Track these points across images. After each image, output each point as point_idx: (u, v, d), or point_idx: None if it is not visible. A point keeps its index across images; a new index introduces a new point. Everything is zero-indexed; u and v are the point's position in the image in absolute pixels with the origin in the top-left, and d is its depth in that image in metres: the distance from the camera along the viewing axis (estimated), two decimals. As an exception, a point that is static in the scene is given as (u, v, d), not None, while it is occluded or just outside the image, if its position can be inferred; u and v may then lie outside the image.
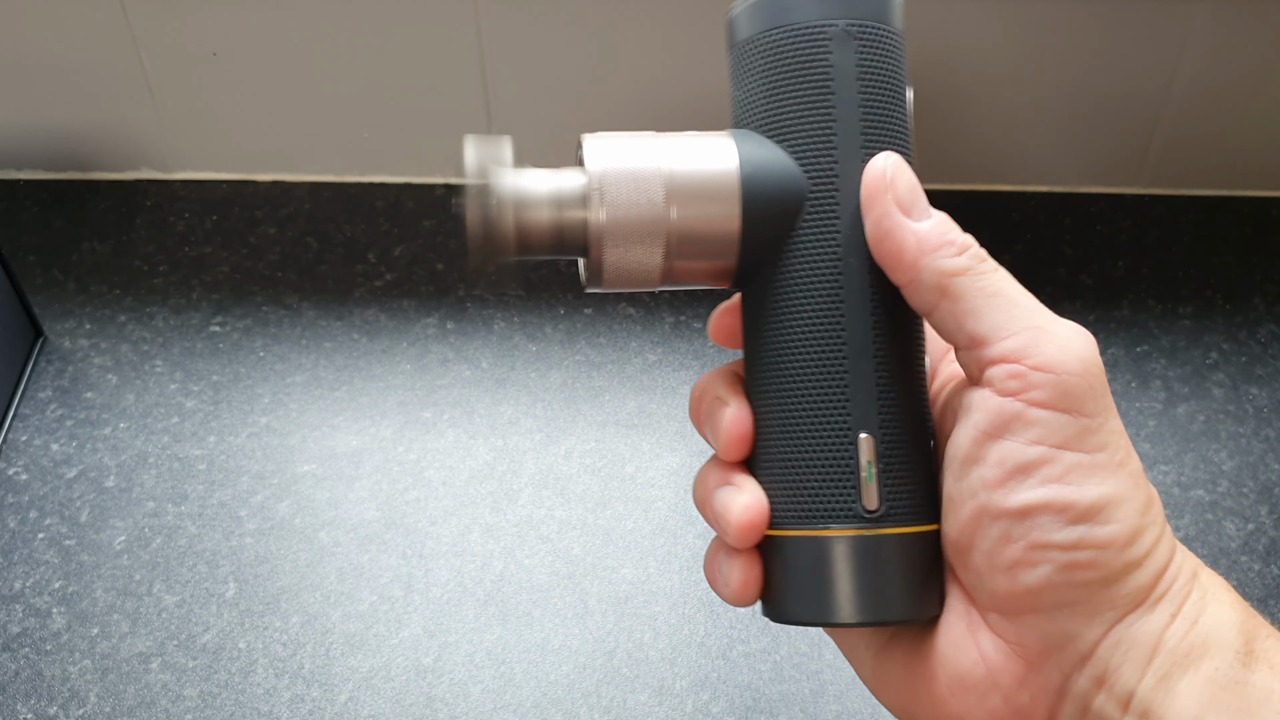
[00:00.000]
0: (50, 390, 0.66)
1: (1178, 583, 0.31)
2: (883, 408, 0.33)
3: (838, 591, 0.33)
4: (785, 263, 0.34)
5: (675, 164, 0.33)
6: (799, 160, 0.33)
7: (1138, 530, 0.30)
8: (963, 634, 0.33)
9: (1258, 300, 0.70)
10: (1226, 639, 0.30)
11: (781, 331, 0.34)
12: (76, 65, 0.73)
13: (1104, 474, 0.30)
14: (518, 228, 0.33)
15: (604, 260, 0.34)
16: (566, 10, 0.68)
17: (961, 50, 0.70)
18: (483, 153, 0.34)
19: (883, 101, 0.34)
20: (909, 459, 0.33)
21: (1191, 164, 0.75)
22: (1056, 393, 0.30)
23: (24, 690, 0.54)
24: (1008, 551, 0.31)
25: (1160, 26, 0.68)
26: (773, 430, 0.34)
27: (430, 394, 0.66)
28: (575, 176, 0.34)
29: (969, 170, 0.76)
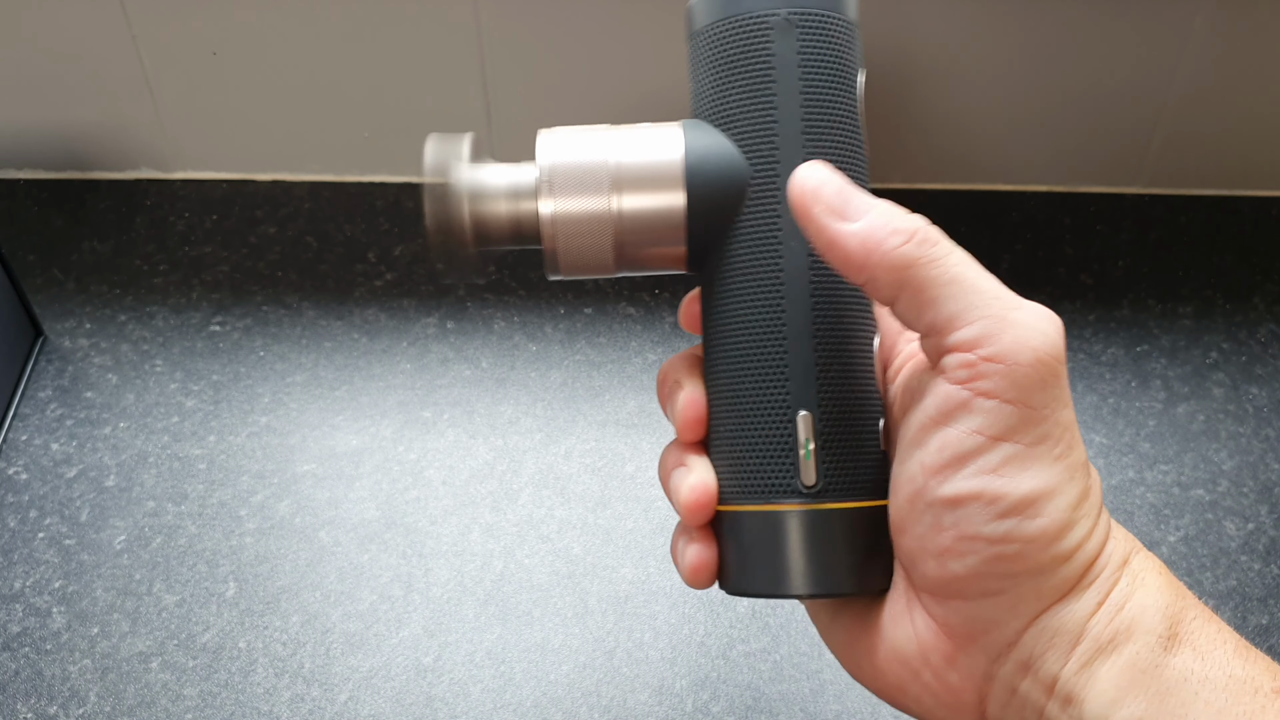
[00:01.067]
0: (50, 390, 0.66)
1: (1106, 570, 0.31)
2: (822, 387, 0.34)
3: (783, 564, 0.34)
4: (730, 247, 0.35)
5: (622, 155, 0.35)
6: (742, 148, 0.35)
7: (1067, 524, 0.31)
8: (901, 609, 0.34)
9: (1258, 300, 0.70)
10: (1149, 623, 0.31)
11: (728, 314, 0.35)
12: (76, 65, 0.73)
13: (1039, 466, 0.30)
14: (474, 220, 0.35)
15: (557, 249, 0.35)
16: (566, 10, 0.68)
17: (962, 49, 0.70)
18: (441, 150, 0.36)
19: (826, 88, 0.35)
20: (849, 436, 0.34)
21: (1191, 164, 0.75)
22: (1004, 383, 0.30)
23: (24, 690, 0.54)
24: (938, 539, 0.31)
25: (1160, 26, 0.68)
26: (722, 410, 0.35)
27: (430, 394, 0.66)
28: (529, 170, 0.35)
29: (969, 170, 0.76)
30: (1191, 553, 0.59)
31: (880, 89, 0.72)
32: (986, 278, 0.32)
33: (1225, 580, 0.58)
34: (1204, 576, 0.58)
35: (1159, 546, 0.59)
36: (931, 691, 0.33)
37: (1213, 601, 0.57)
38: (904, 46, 0.70)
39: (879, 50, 0.70)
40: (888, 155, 0.76)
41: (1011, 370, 0.30)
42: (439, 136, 0.36)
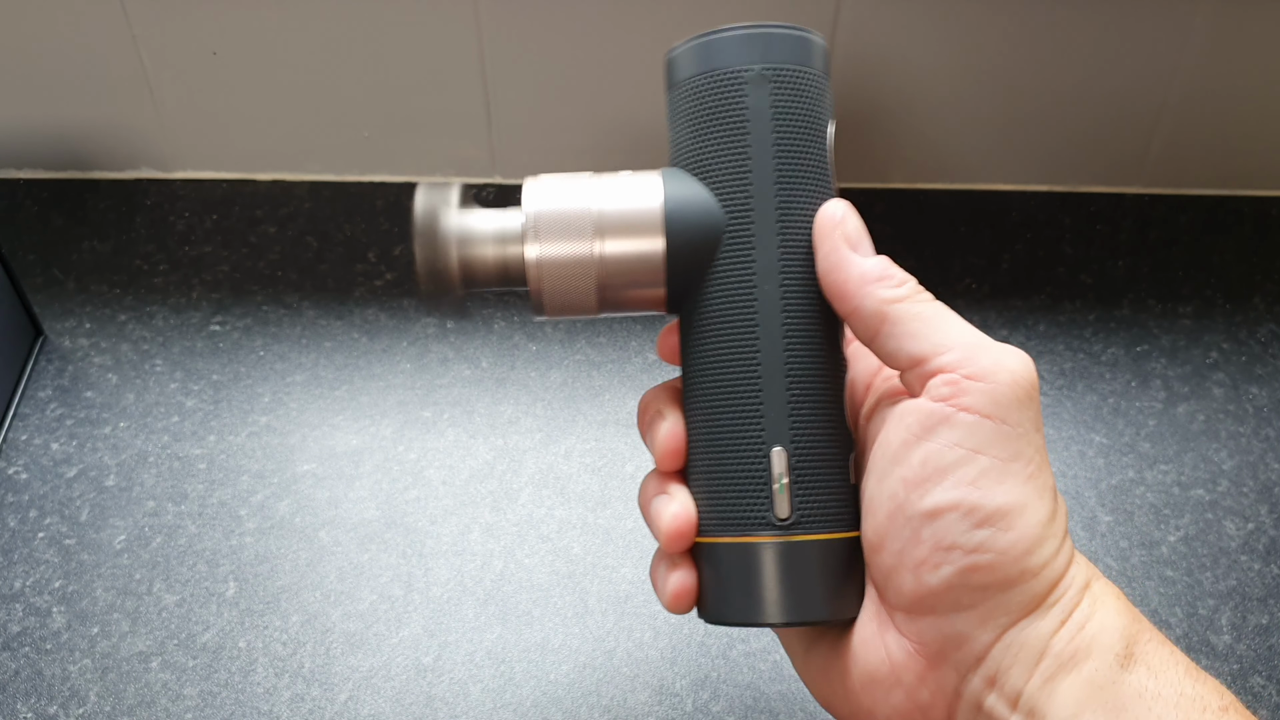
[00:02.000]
0: (50, 389, 0.66)
1: (1069, 592, 0.33)
2: (795, 423, 0.35)
3: (758, 594, 0.36)
4: (707, 290, 0.36)
5: (604, 203, 0.37)
6: (718, 196, 0.36)
7: (1038, 540, 0.32)
8: (873, 633, 0.35)
9: (1258, 300, 0.70)
10: (1108, 642, 0.32)
11: (705, 352, 0.37)
12: (76, 65, 0.73)
13: (1013, 481, 0.32)
14: (462, 264, 0.37)
15: (543, 291, 0.37)
16: (567, 10, 0.68)
17: (962, 49, 0.70)
18: (431, 197, 0.37)
19: (798, 139, 0.36)
20: (821, 470, 0.36)
21: (1191, 164, 0.75)
22: (985, 399, 0.32)
23: (24, 689, 0.54)
24: (915, 551, 0.33)
25: (1160, 26, 0.68)
26: (700, 443, 0.37)
27: (430, 393, 0.66)
28: (515, 216, 0.37)
29: (970, 170, 0.76)
30: (1191, 553, 0.59)
31: (881, 89, 0.72)
32: (962, 320, 0.35)
33: (1225, 580, 0.58)
34: (1204, 576, 0.58)
35: (1159, 546, 0.59)
36: (902, 712, 0.34)
37: (1213, 601, 0.57)
38: (904, 46, 0.70)
39: (879, 50, 0.70)
40: (888, 155, 0.76)
41: (992, 388, 0.32)
42: (428, 185, 0.37)
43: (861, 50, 0.70)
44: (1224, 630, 0.56)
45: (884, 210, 0.76)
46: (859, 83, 0.72)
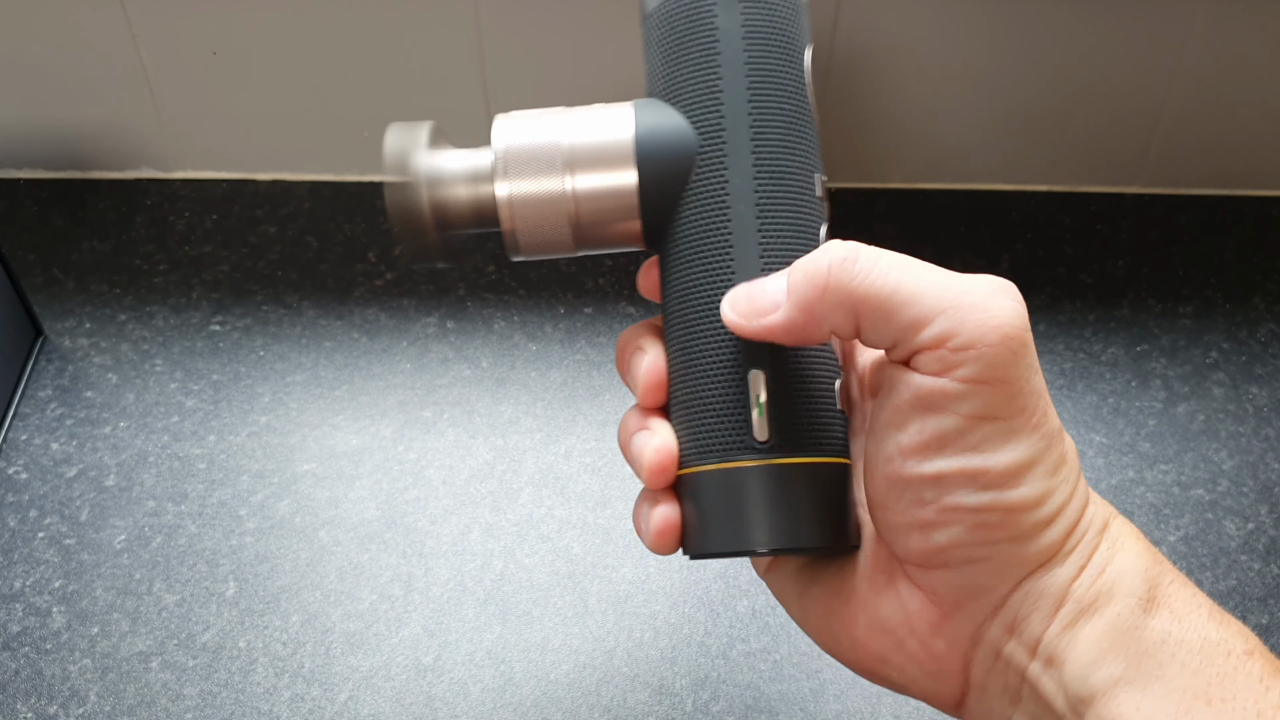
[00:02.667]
0: (50, 389, 0.66)
1: (1087, 535, 0.32)
2: (773, 345, 0.34)
3: (741, 521, 0.34)
4: (682, 216, 0.36)
5: (575, 136, 0.36)
6: (691, 119, 0.36)
7: (1046, 492, 0.32)
8: (884, 581, 0.34)
9: (1258, 300, 0.70)
10: (1129, 586, 0.32)
11: (682, 280, 0.36)
12: (76, 64, 0.73)
13: (1018, 438, 0.31)
14: (434, 205, 0.36)
15: (516, 230, 0.36)
16: (567, 10, 0.68)
17: (962, 49, 0.70)
18: (401, 139, 0.36)
19: (770, 60, 0.36)
20: (802, 394, 0.35)
21: (1191, 164, 0.75)
22: (979, 366, 0.31)
23: (24, 689, 0.54)
24: (919, 513, 0.32)
25: (1160, 26, 0.68)
26: (679, 374, 0.36)
27: (430, 393, 0.66)
28: (485, 154, 0.36)
29: (969, 170, 0.76)
30: (1191, 553, 0.59)
31: (881, 89, 0.72)
32: (925, 271, 0.32)
33: (1225, 580, 0.58)
34: (1204, 576, 0.58)
35: (1159, 546, 0.59)
36: (916, 660, 0.34)
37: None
38: (904, 46, 0.70)
39: (879, 50, 0.70)
40: (888, 155, 0.76)
41: (983, 353, 0.31)
42: (399, 126, 0.36)
43: (861, 50, 0.70)
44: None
45: (884, 210, 0.76)
46: (859, 82, 0.72)
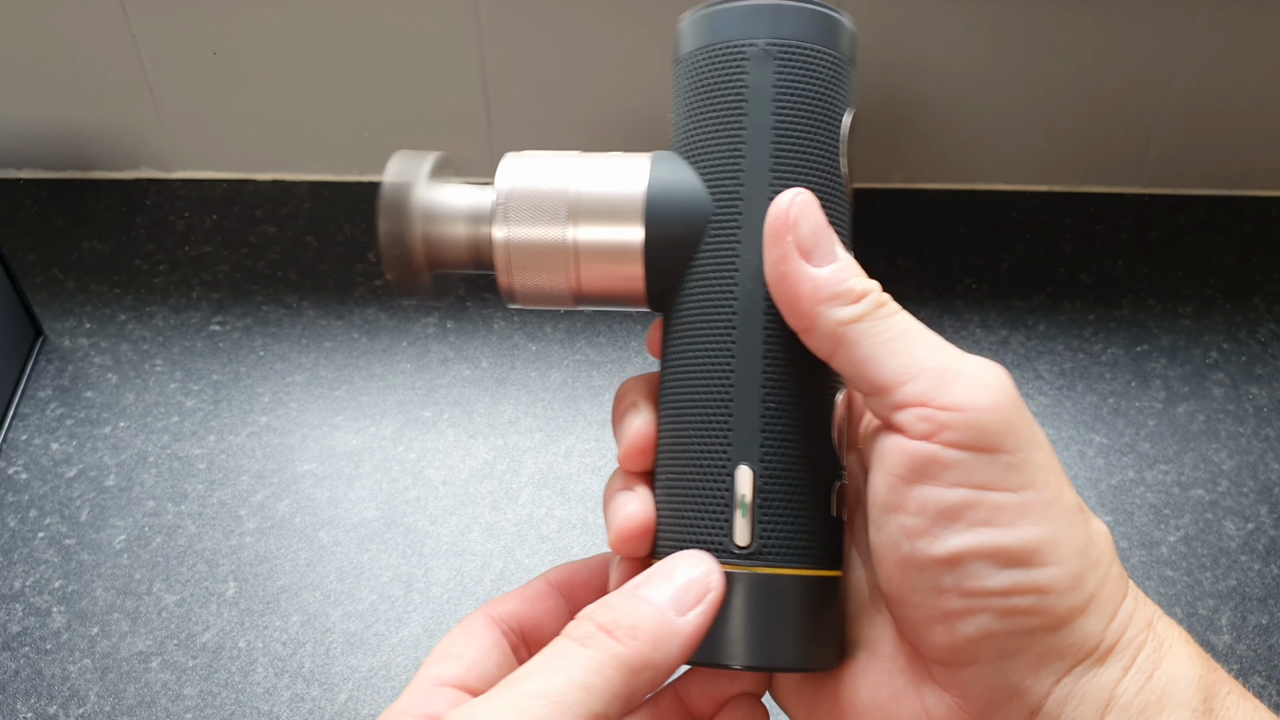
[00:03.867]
0: (50, 389, 0.66)
1: (1129, 631, 0.29)
2: (767, 441, 0.31)
3: (714, 631, 0.31)
4: (688, 285, 0.33)
5: (583, 184, 0.33)
6: (707, 182, 0.33)
7: (1079, 572, 0.28)
8: (904, 686, 0.31)
9: (1258, 300, 0.70)
10: (1184, 695, 0.28)
11: (679, 353, 0.33)
12: (76, 64, 0.73)
13: (1035, 514, 0.28)
14: (427, 241, 0.34)
15: (512, 278, 0.34)
16: (567, 10, 0.68)
17: (962, 49, 0.70)
18: (403, 167, 0.35)
19: (801, 124, 0.33)
20: (795, 497, 0.32)
21: (1191, 164, 0.75)
22: (970, 432, 0.28)
23: (24, 689, 0.54)
24: (941, 602, 0.29)
25: (1160, 26, 0.68)
26: (666, 451, 0.33)
27: (430, 393, 0.66)
28: (488, 194, 0.34)
29: (969, 170, 0.76)
30: (1191, 553, 0.59)
31: (881, 88, 0.72)
32: (929, 335, 0.30)
33: (1225, 580, 0.58)
34: (1204, 576, 0.58)
35: (1159, 546, 0.59)
36: None
37: (1213, 601, 0.57)
38: (904, 47, 0.70)
39: (879, 50, 0.70)
40: (888, 155, 0.76)
41: (974, 417, 0.28)
42: (404, 154, 0.35)
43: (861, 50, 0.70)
44: (1224, 630, 0.56)
45: (884, 210, 0.76)
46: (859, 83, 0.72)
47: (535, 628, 0.35)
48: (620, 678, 0.28)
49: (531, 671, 0.28)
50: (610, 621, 0.29)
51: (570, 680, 0.27)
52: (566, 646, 0.28)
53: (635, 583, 0.30)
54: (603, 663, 0.28)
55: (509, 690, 0.27)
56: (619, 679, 0.28)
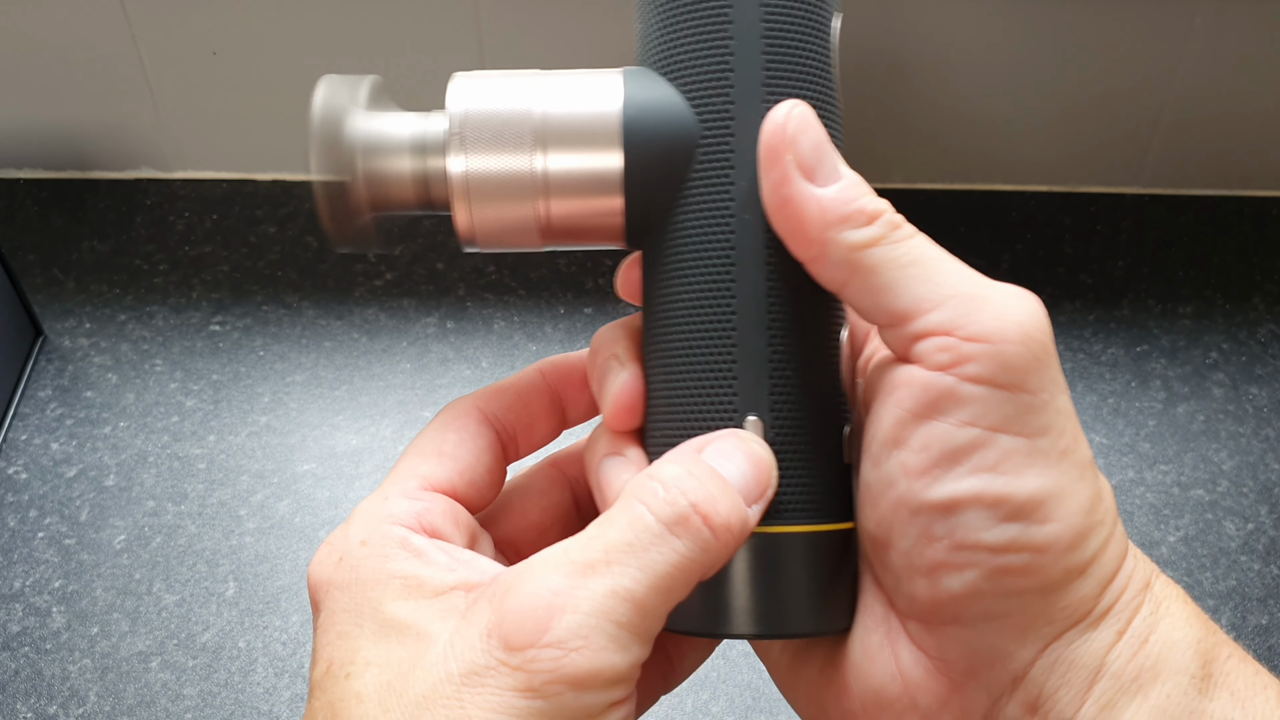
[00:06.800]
0: (50, 389, 0.66)
1: (1126, 594, 0.27)
2: (775, 387, 0.29)
3: (722, 598, 0.28)
4: (675, 218, 0.29)
5: (550, 105, 0.29)
6: (692, 101, 0.29)
7: (1083, 531, 0.26)
8: (879, 643, 0.29)
9: (1258, 300, 0.70)
10: (1180, 661, 0.27)
11: (669, 296, 0.29)
12: (76, 64, 0.73)
13: (1045, 463, 0.26)
14: (369, 179, 0.29)
15: (471, 215, 0.29)
16: (566, 10, 0.68)
17: (962, 49, 0.70)
18: (334, 94, 0.30)
19: (793, 33, 0.29)
20: (807, 447, 0.29)
21: (1191, 164, 0.75)
22: (994, 365, 0.26)
23: (24, 689, 0.54)
24: (929, 551, 0.27)
25: (1160, 26, 0.68)
26: (659, 405, 0.30)
27: (430, 393, 0.66)
28: (438, 120, 0.30)
29: (969, 170, 0.76)
30: (1191, 553, 0.59)
31: (881, 88, 0.72)
32: (951, 260, 0.27)
33: (1225, 580, 0.58)
34: (1204, 576, 0.58)
35: (1159, 546, 0.59)
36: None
37: (1213, 601, 0.57)
38: (904, 46, 0.70)
39: (880, 50, 0.70)
40: (888, 155, 0.76)
41: (1000, 350, 0.26)
42: (334, 78, 0.30)
43: (861, 51, 0.70)
44: (1224, 631, 0.56)
45: (884, 210, 0.75)
46: (859, 83, 0.72)
47: (527, 428, 0.32)
48: (695, 580, 0.26)
49: (611, 551, 0.25)
50: (706, 501, 0.26)
51: (655, 582, 0.25)
52: (653, 530, 0.26)
53: (713, 453, 0.28)
54: (691, 561, 0.26)
55: (592, 577, 0.25)
56: (694, 581, 0.26)
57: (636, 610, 0.25)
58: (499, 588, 0.26)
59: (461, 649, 0.25)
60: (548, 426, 0.33)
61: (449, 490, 0.30)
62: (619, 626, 0.25)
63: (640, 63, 0.31)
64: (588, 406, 0.33)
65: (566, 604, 0.25)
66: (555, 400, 0.33)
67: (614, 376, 0.30)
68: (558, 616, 0.25)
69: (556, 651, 0.24)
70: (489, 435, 0.31)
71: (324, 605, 0.28)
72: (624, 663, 0.25)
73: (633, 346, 0.31)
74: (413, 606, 0.27)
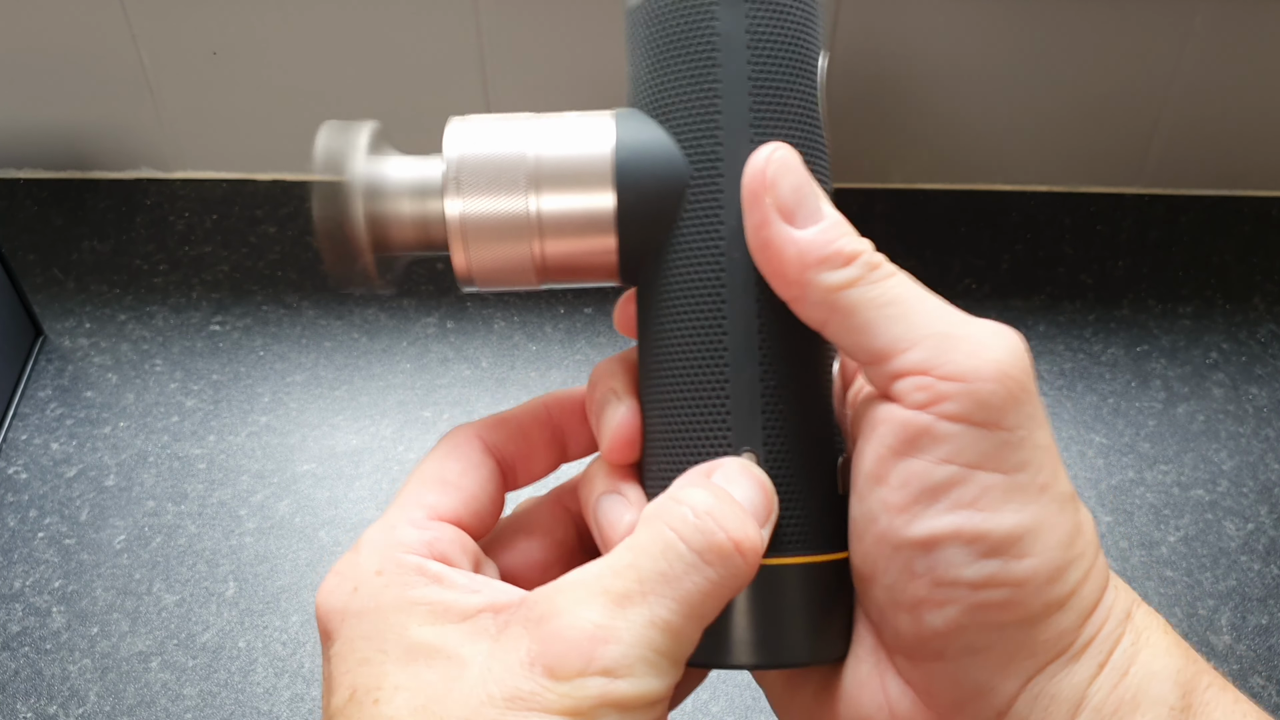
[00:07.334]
0: (50, 389, 0.66)
1: (1107, 626, 0.27)
2: (769, 421, 0.29)
3: (719, 629, 0.29)
4: (667, 256, 0.30)
5: (543, 148, 0.30)
6: (681, 142, 0.30)
7: (1061, 565, 0.27)
8: (869, 673, 0.29)
9: (1258, 300, 0.70)
10: (1160, 692, 0.27)
11: (662, 333, 0.30)
12: (76, 64, 0.73)
13: (1023, 498, 0.27)
14: (371, 221, 0.30)
15: (469, 256, 0.30)
16: (567, 10, 0.68)
17: (962, 50, 0.70)
18: (335, 139, 0.31)
19: (779, 73, 0.30)
20: (801, 478, 0.30)
21: (1191, 164, 0.75)
22: (970, 403, 0.26)
23: (24, 689, 0.54)
24: (911, 588, 0.27)
25: (1160, 26, 0.68)
26: (656, 439, 0.31)
27: (430, 393, 0.66)
28: (435, 164, 0.31)
29: (969, 170, 0.76)
30: (1191, 553, 0.59)
31: (881, 89, 0.72)
32: (929, 298, 0.28)
33: (1225, 580, 0.58)
34: (1204, 576, 0.58)
35: (1159, 546, 0.59)
36: None
37: (1213, 601, 0.57)
38: (904, 46, 0.70)
39: (879, 50, 0.70)
40: (888, 155, 0.76)
41: (975, 389, 0.26)
42: (334, 125, 0.31)
43: (861, 51, 0.70)
44: (1224, 631, 0.56)
45: (884, 210, 0.76)
46: (858, 84, 0.72)
47: (526, 460, 0.33)
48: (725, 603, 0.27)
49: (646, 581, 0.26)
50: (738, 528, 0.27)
51: (690, 610, 0.26)
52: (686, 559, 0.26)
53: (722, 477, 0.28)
54: (723, 586, 0.27)
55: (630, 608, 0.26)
56: (724, 604, 0.27)
57: (674, 638, 0.26)
58: (532, 612, 0.27)
59: (500, 673, 0.26)
60: (547, 459, 0.34)
61: (454, 519, 0.30)
62: (659, 654, 0.26)
63: (631, 104, 0.32)
64: (589, 441, 0.34)
65: (609, 635, 0.26)
66: (557, 434, 0.34)
67: (611, 410, 0.31)
68: (601, 648, 0.26)
69: (603, 680, 0.25)
70: (491, 465, 0.32)
71: (340, 634, 0.28)
72: (664, 686, 0.26)
73: (630, 381, 0.32)
74: (440, 631, 0.27)
